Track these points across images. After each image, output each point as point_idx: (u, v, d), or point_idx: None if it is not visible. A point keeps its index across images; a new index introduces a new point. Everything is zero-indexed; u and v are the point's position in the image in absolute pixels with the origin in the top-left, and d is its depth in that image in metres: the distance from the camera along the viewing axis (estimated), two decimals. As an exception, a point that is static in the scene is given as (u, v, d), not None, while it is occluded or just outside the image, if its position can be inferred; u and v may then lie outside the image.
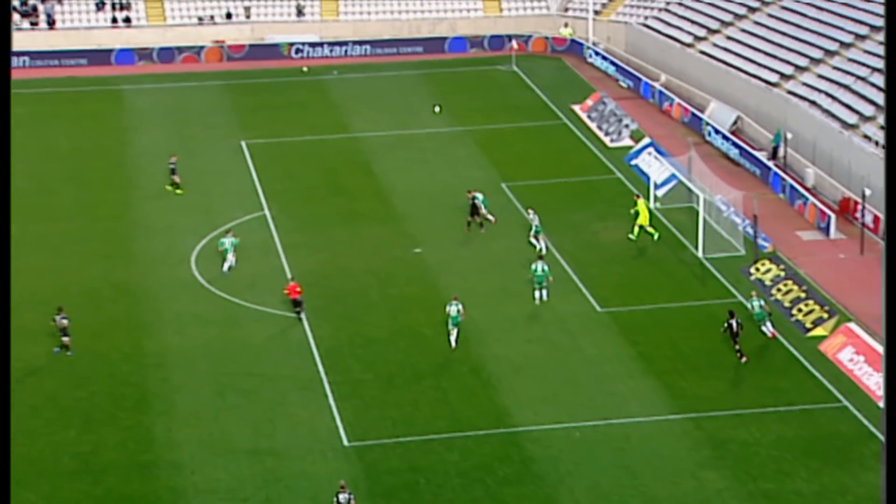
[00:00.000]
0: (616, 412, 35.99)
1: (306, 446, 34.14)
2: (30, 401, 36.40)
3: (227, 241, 45.04)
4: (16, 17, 73.90)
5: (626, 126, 60.17)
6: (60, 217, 50.41)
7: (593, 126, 61.65)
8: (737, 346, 38.62)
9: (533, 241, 46.54)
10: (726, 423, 35.39)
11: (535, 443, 34.51)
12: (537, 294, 42.45)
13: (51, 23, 74.40)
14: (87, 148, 58.86)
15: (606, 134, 60.32)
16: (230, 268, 44.53)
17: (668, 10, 71.42)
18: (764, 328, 39.93)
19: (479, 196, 48.92)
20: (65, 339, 39.27)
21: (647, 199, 50.51)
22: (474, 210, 47.78)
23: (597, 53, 71.96)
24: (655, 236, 47.55)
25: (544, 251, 45.50)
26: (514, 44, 73.29)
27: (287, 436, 34.77)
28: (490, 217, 48.84)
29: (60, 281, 44.37)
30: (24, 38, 73.05)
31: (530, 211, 48.03)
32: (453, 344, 39.56)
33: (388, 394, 37.01)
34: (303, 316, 41.18)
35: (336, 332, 40.75)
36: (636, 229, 47.67)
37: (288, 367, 38.63)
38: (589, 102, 64.13)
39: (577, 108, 64.26)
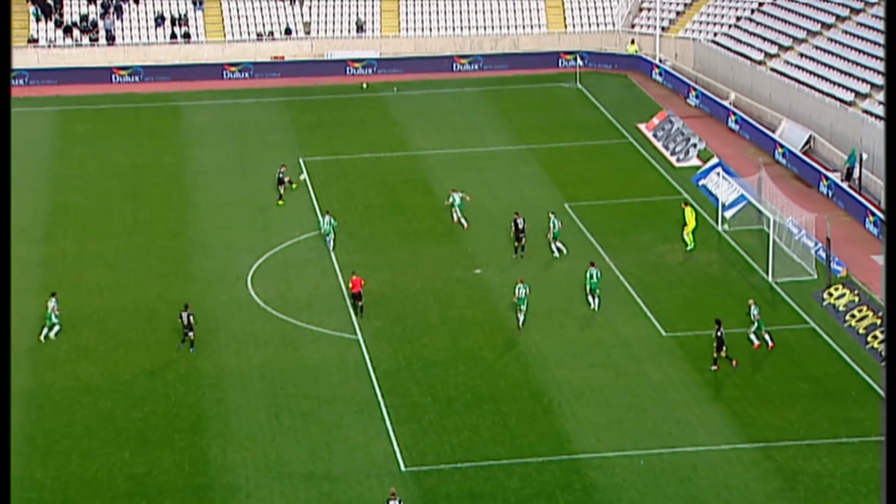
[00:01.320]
0: (682, 440, 35.70)
1: (363, 471, 34.24)
2: (85, 421, 36.89)
3: (326, 221, 48.29)
4: (76, 33, 75.28)
5: (694, 145, 59.84)
6: (118, 234, 51.10)
7: (659, 145, 61.39)
8: (724, 354, 39.01)
9: (554, 246, 46.94)
10: (798, 453, 34.94)
11: (597, 471, 34.32)
12: (591, 301, 43.01)
13: (110, 39, 75.70)
14: (145, 165, 59.67)
15: (673, 153, 60.03)
16: (334, 247, 47.97)
17: (738, 27, 71.01)
18: (752, 335, 40.32)
19: (457, 196, 50.26)
20: (190, 333, 40.49)
21: (700, 211, 50.11)
22: (518, 232, 47.52)
23: (664, 71, 71.72)
24: (690, 247, 47.43)
25: (557, 255, 46.07)
26: (580, 61, 73.28)
27: (343, 460, 34.89)
28: (463, 222, 49.84)
29: (117, 299, 44.97)
30: (84, 54, 74.42)
31: (552, 215, 48.21)
32: (520, 325, 41.09)
33: (446, 418, 37.02)
34: (363, 311, 42.73)
35: (394, 354, 40.87)
36: (689, 237, 47.67)
37: (345, 389, 38.80)
38: (655, 121, 63.90)
39: (642, 126, 64.04)
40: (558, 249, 47.19)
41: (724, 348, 39.17)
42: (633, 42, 76.28)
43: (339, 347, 41.47)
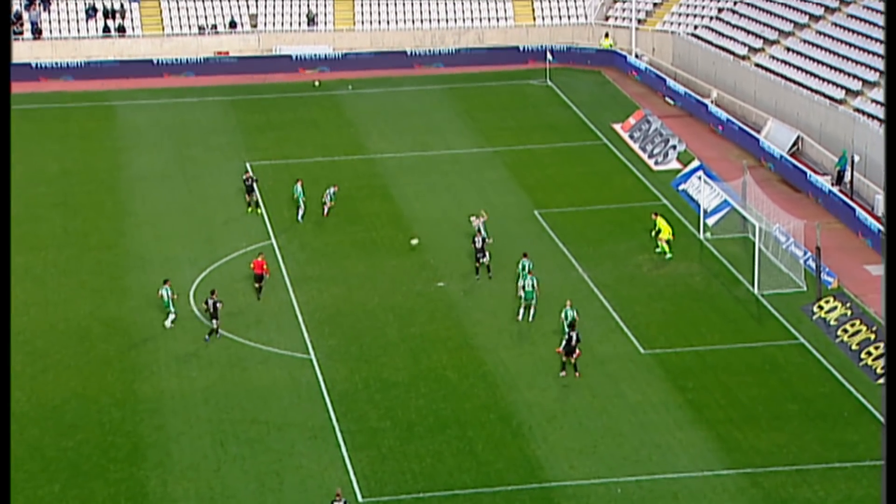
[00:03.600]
0: (662, 466, 35.87)
1: (317, 502, 34.16)
2: (10, 451, 36.54)
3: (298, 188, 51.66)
4: (-1, 26, 74.84)
5: (673, 147, 60.24)
6: (47, 246, 50.82)
7: (636, 147, 61.75)
8: (573, 360, 40.02)
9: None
10: (787, 479, 35.19)
11: (570, 500, 34.43)
12: (521, 312, 43.76)
13: (36, 32, 75.28)
14: (77, 170, 59.41)
15: (651, 156, 60.40)
16: (303, 216, 51.84)
17: (720, 19, 71.61)
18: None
19: (333, 191, 52.28)
20: (215, 322, 41.14)
21: (682, 222, 50.45)
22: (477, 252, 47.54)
23: (641, 67, 72.17)
24: (668, 255, 47.87)
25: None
26: (550, 56, 73.63)
27: (295, 491, 34.80)
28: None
29: (46, 317, 44.70)
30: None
31: (477, 217, 49.08)
32: (520, 317, 42.91)
33: (407, 444, 37.03)
34: (261, 295, 44.83)
35: (350, 375, 40.85)
36: (664, 245, 48.12)
37: (297, 413, 38.73)
38: (631, 121, 64.28)
39: (618, 126, 64.41)
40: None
41: (575, 354, 40.20)
42: (606, 36, 76.71)
43: (291, 368, 41.40)
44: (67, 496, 34.65)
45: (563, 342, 40.55)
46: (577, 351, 40.37)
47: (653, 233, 49.07)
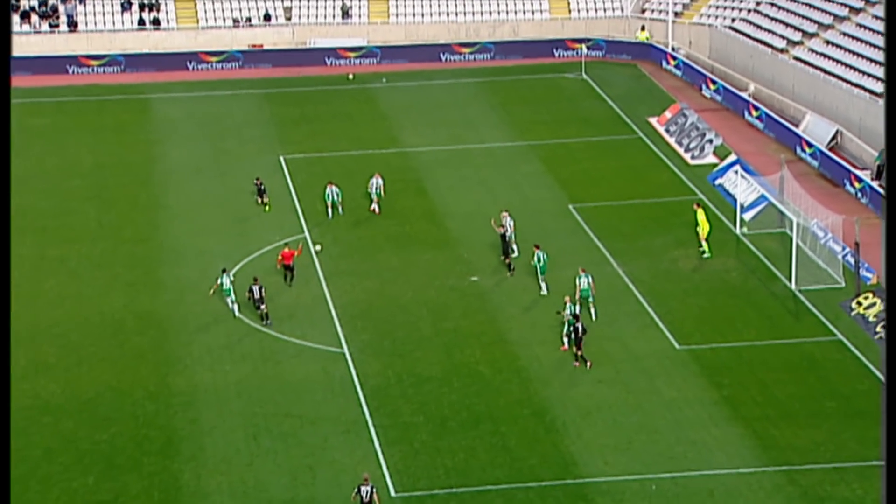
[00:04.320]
0: (698, 463, 35.73)
1: (349, 497, 34.20)
2: (45, 443, 36.86)
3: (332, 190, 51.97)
4: (34, 18, 75.34)
5: (710, 141, 59.96)
6: (82, 239, 51.10)
7: (672, 141, 61.51)
8: (579, 352, 40.09)
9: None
10: (825, 477, 34.98)
11: (605, 496, 34.35)
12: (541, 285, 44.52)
13: (72, 25, 75.73)
14: (111, 163, 59.72)
15: (687, 150, 60.15)
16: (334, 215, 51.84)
17: (758, 12, 71.18)
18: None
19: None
20: (262, 307, 42.47)
21: (719, 216, 50.20)
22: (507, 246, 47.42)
23: (678, 60, 71.85)
24: (706, 254, 47.57)
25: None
26: (585, 49, 73.44)
27: (328, 485, 34.88)
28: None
29: (81, 310, 44.98)
30: (43, 42, 74.47)
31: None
32: (594, 317, 42.73)
33: (440, 439, 37.03)
34: (293, 284, 45.46)
35: (384, 370, 40.89)
36: (705, 244, 47.90)
37: (330, 408, 38.80)
38: (667, 114, 64.02)
39: (653, 120, 64.17)
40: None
41: (581, 345, 40.40)
42: (643, 29, 76.44)
43: (324, 362, 41.48)
44: (101, 488, 34.85)
45: (570, 335, 40.66)
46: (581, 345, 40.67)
47: (697, 228, 48.69)
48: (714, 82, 67.79)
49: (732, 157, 57.36)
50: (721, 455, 36.09)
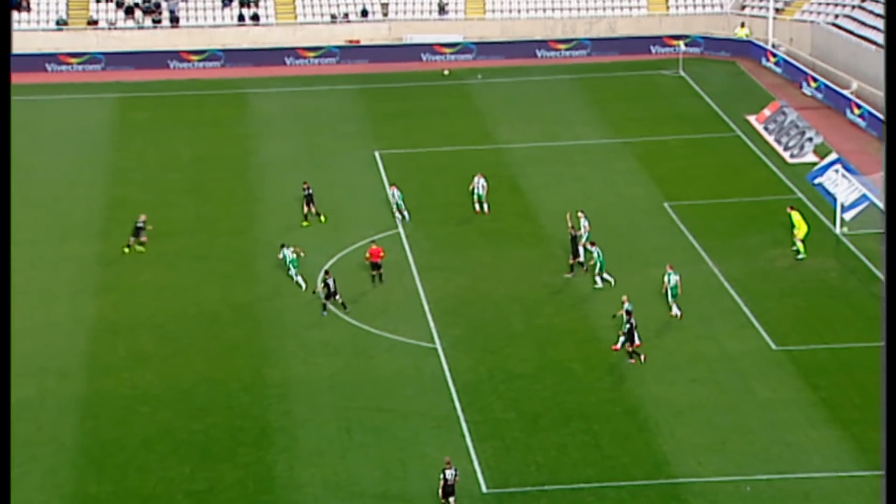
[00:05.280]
0: (793, 465, 35.30)
1: (440, 491, 34.32)
2: (143, 432, 37.51)
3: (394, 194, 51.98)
4: (138, 14, 76.66)
5: (810, 140, 59.12)
6: (179, 232, 51.83)
7: (771, 139, 60.76)
8: (632, 348, 39.96)
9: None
10: (923, 483, 34.33)
11: (698, 497, 34.08)
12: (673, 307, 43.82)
13: (174, 20, 76.92)
14: (208, 157, 60.53)
15: (786, 148, 59.38)
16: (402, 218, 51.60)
17: (862, 8, 69.95)
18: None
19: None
20: (337, 297, 43.57)
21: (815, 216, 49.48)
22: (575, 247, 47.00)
23: (778, 57, 70.92)
24: (801, 255, 46.90)
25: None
26: (683, 46, 72.82)
27: (419, 480, 35.03)
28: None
29: (178, 301, 45.66)
30: (145, 37, 75.77)
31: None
32: (678, 313, 42.71)
33: (532, 436, 37.01)
34: (381, 279, 45.54)
35: (475, 366, 40.96)
36: (801, 245, 47.24)
37: (421, 402, 38.98)
38: (766, 112, 63.26)
39: (752, 118, 63.45)
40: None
41: (634, 342, 40.16)
42: (742, 25, 75.56)
43: (416, 357, 41.67)
44: (197, 478, 35.37)
45: (624, 334, 40.41)
46: (638, 340, 40.43)
47: (794, 231, 48.10)
48: (815, 80, 66.89)
49: (833, 156, 56.48)
50: (818, 457, 35.61)
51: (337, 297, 43.93)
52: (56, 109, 67.65)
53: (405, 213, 51.71)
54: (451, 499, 33.28)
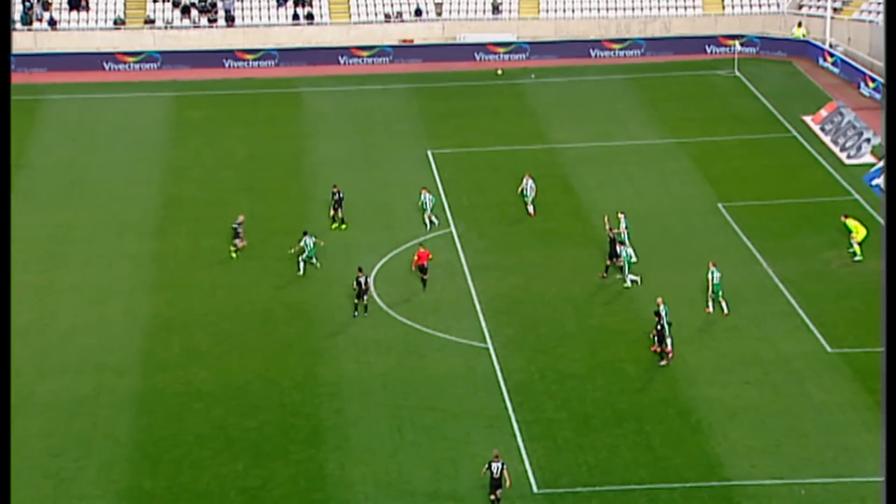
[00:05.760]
0: (849, 469, 34.97)
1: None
2: (197, 429, 37.79)
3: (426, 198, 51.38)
4: (194, 13, 77.25)
5: (867, 140, 58.53)
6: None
7: (827, 140, 60.21)
8: (658, 349, 39.95)
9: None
10: (981, 488, 33.88)
11: (751, 500, 33.86)
12: (722, 304, 43.61)
13: (229, 20, 77.44)
14: (262, 155, 60.86)
15: (843, 149, 58.81)
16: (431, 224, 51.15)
17: (919, 7, 69.10)
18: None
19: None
20: (364, 297, 43.56)
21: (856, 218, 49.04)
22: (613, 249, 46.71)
23: (836, 57, 70.24)
24: (857, 257, 46.51)
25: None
26: (739, 46, 72.31)
27: (470, 479, 35.04)
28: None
29: (231, 299, 45.95)
30: (202, 36, 76.34)
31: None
32: (725, 310, 42.72)
33: (583, 436, 36.92)
34: (425, 287, 45.28)
35: (527, 366, 40.91)
36: (857, 247, 46.79)
37: (473, 402, 38.98)
38: (823, 113, 62.68)
39: (808, 119, 62.89)
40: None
41: (666, 343, 40.18)
42: (799, 25, 74.90)
43: (467, 356, 41.68)
44: (250, 475, 35.59)
45: (656, 333, 40.41)
46: (669, 339, 40.44)
47: (851, 235, 47.70)
48: (873, 80, 66.18)
49: (890, 157, 55.86)
50: (874, 462, 35.22)
51: (364, 297, 43.75)
52: (113, 108, 68.32)
53: (434, 219, 51.23)
54: (499, 491, 33.37)
